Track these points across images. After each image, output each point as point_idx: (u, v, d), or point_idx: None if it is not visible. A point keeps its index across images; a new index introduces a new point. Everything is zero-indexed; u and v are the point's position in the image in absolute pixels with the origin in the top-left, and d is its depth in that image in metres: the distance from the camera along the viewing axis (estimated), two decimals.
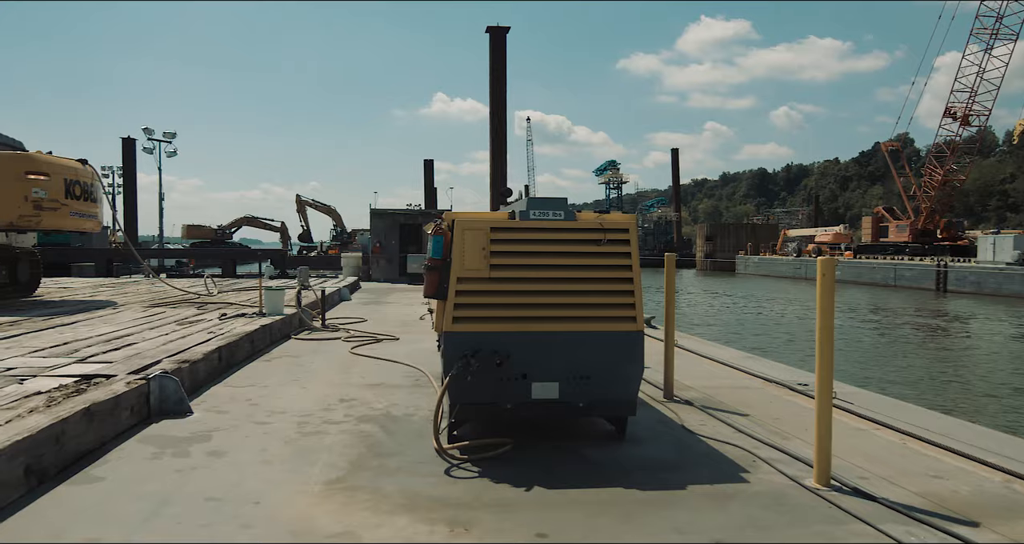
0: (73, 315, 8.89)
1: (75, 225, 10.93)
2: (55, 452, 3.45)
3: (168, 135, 55.19)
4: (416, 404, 5.13)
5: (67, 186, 10.39)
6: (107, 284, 16.70)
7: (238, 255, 43.11)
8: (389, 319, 10.99)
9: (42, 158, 10.25)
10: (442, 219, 4.01)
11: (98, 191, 11.55)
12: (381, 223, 24.24)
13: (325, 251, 57.29)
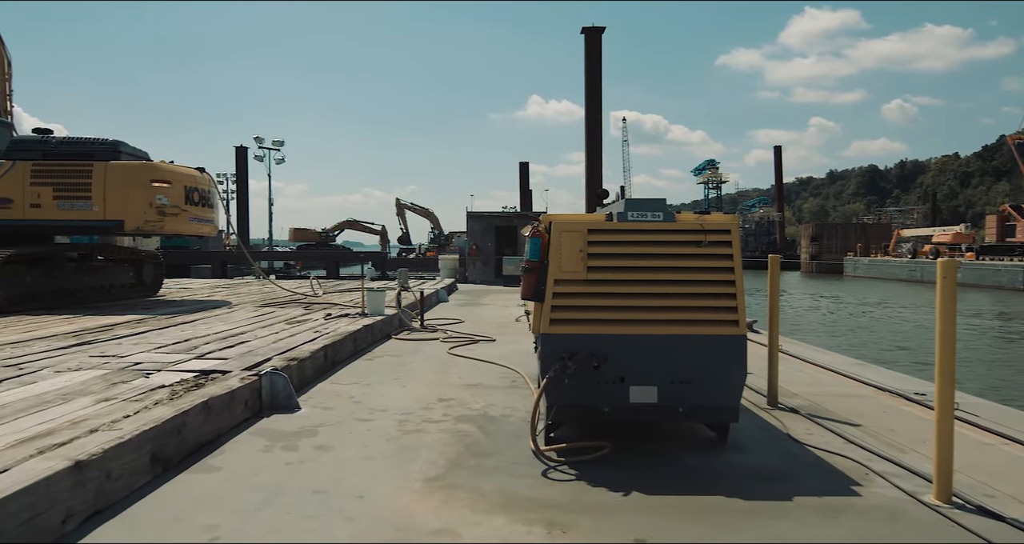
0: (192, 314, 9.47)
1: (194, 230, 11.64)
2: (177, 442, 3.68)
3: (277, 143, 57.93)
4: (513, 405, 5.16)
5: (187, 193, 11.07)
6: (222, 285, 17.70)
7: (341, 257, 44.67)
8: (485, 320, 11.12)
9: (165, 167, 10.97)
10: (539, 221, 4.02)
11: (214, 197, 12.25)
12: (477, 225, 24.58)
13: (423, 253, 58.63)
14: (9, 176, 10.31)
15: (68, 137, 11.06)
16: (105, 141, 10.84)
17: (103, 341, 6.64)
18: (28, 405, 3.92)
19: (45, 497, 2.65)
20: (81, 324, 8.10)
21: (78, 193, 10.33)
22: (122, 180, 10.38)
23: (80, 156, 10.52)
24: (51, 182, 10.31)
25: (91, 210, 10.35)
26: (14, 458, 2.87)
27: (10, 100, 11.68)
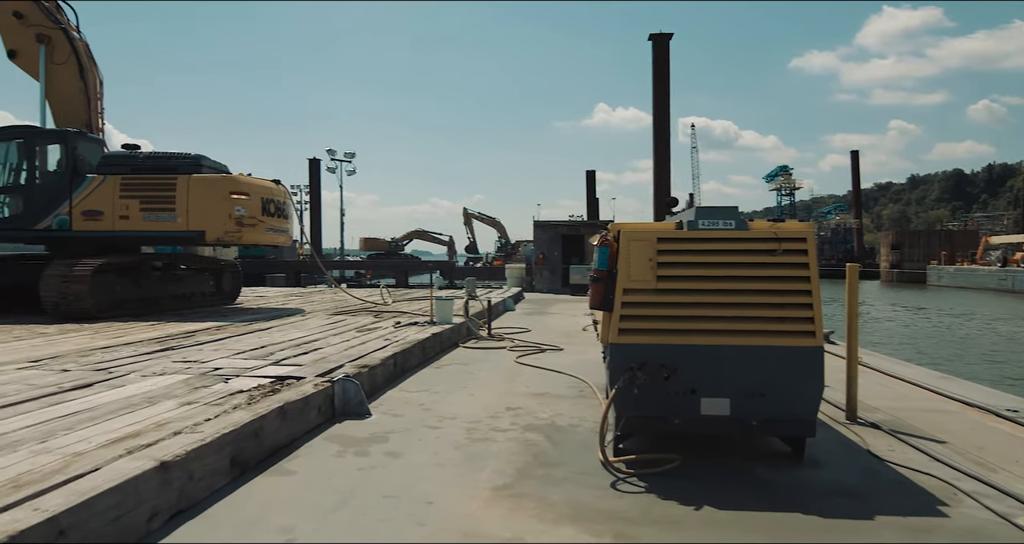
0: (268, 321, 9.78)
1: (270, 240, 12.04)
2: (255, 446, 3.80)
3: (348, 155, 59.37)
4: (581, 415, 5.13)
5: (264, 204, 11.46)
6: (296, 293, 18.23)
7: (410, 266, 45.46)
8: (552, 329, 11.10)
9: (243, 179, 11.39)
10: (608, 230, 4.00)
11: (289, 208, 12.65)
12: (544, 234, 24.60)
13: (490, 262, 58.95)
14: (100, 190, 10.89)
15: (154, 152, 11.62)
16: (188, 155, 11.34)
17: (185, 347, 6.92)
18: (117, 407, 4.12)
19: (133, 496, 2.77)
20: (165, 330, 8.47)
21: (163, 205, 10.83)
22: (203, 193, 10.84)
23: (165, 170, 11.04)
24: (138, 195, 10.85)
25: (175, 221, 10.84)
26: (104, 458, 3.02)
27: (101, 117, 12.34)
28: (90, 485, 2.67)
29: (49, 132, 11.48)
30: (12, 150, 11.24)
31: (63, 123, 11.79)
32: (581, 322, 12.08)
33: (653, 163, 34.95)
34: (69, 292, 9.82)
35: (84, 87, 11.94)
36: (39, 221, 10.95)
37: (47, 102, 11.99)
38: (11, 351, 6.59)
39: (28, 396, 4.44)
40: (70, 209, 10.86)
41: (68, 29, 11.86)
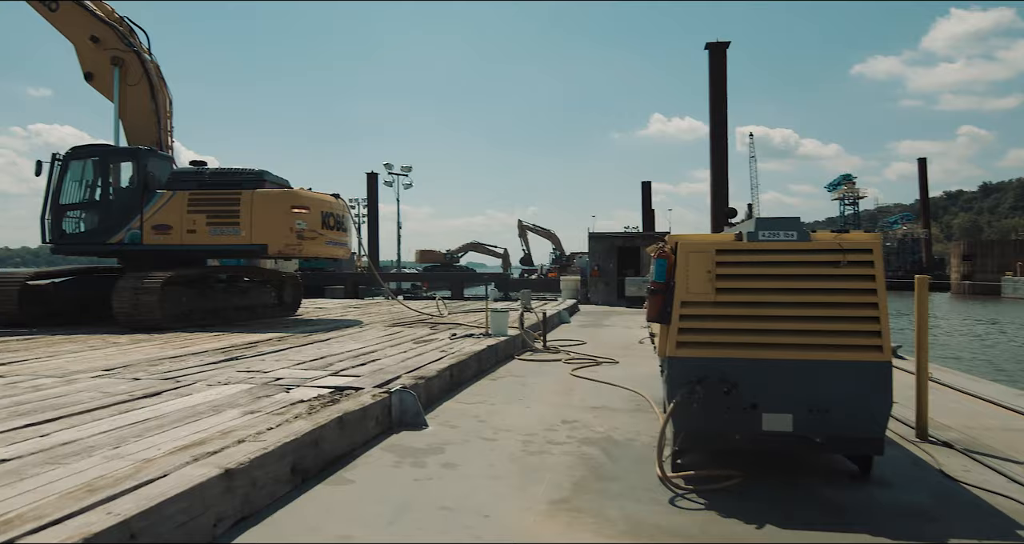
0: (327, 332, 9.96)
1: (329, 252, 12.30)
2: (315, 455, 3.87)
3: (405, 169, 60.35)
4: (638, 429, 5.06)
5: (323, 218, 11.73)
6: (354, 305, 18.54)
7: (465, 278, 45.74)
8: (608, 342, 11.01)
9: (304, 194, 11.68)
10: (665, 242, 3.96)
11: (348, 221, 12.91)
12: (599, 246, 24.49)
13: (545, 274, 58.94)
14: (169, 205, 11.32)
15: (220, 168, 12.02)
16: (251, 171, 11.69)
17: (248, 357, 7.11)
18: (184, 415, 4.25)
19: (199, 501, 2.85)
20: (229, 341, 8.71)
21: (228, 219, 11.19)
22: (266, 207, 11.15)
23: (230, 185, 11.40)
24: (205, 210, 11.23)
25: (239, 235, 11.18)
26: (172, 464, 3.11)
27: (170, 136, 12.82)
28: (159, 490, 2.76)
29: (122, 150, 11.99)
30: (88, 168, 11.79)
31: (135, 141, 12.30)
32: (637, 335, 11.95)
33: (710, 173, 34.50)
34: (140, 303, 10.20)
35: (155, 107, 12.45)
36: (113, 235, 11.44)
37: (120, 121, 12.53)
38: (86, 360, 6.87)
39: (102, 403, 4.62)
40: (141, 224, 11.32)
41: (140, 52, 12.40)
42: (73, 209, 11.79)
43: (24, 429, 3.88)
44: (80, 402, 4.66)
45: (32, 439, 3.65)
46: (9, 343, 8.53)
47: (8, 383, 5.49)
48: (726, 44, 34.22)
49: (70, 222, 11.80)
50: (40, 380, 5.63)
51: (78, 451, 3.39)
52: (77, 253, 12.53)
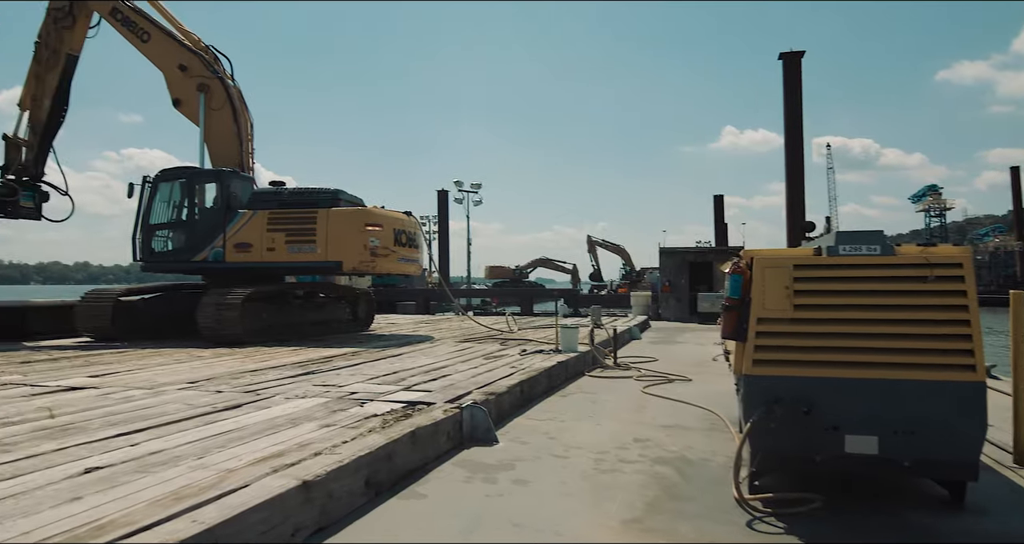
0: (399, 348, 10.12)
1: (401, 269, 12.53)
2: (388, 468, 3.92)
3: (475, 186, 61.00)
4: (712, 449, 4.94)
5: (396, 235, 11.97)
6: (425, 321, 18.80)
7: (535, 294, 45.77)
8: (680, 359, 10.81)
9: (377, 212, 11.95)
10: (740, 257, 3.87)
11: (420, 238, 13.13)
12: (670, 261, 24.14)
13: (615, 290, 58.44)
14: (250, 224, 11.76)
15: (297, 188, 12.44)
16: (327, 190, 12.05)
17: (324, 371, 7.28)
18: (263, 428, 4.38)
19: (279, 512, 2.93)
20: (306, 355, 8.95)
21: (305, 237, 11.55)
22: (341, 225, 11.46)
23: (307, 204, 11.78)
24: (283, 228, 11.63)
25: (315, 252, 11.51)
26: (253, 475, 3.21)
27: (251, 157, 13.34)
28: (240, 500, 2.84)
29: (207, 172, 12.55)
30: (176, 189, 12.39)
31: (218, 163, 12.84)
32: (711, 352, 11.70)
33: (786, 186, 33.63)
34: (222, 318, 10.61)
35: (237, 130, 12.98)
36: (197, 253, 11.96)
37: (205, 145, 13.12)
38: (172, 373, 7.18)
39: (187, 415, 4.81)
40: (224, 242, 11.80)
41: (224, 78, 12.98)
42: (161, 229, 12.40)
43: (116, 438, 4.08)
44: (167, 413, 4.87)
45: (123, 448, 3.82)
46: (103, 356, 9.00)
47: (101, 394, 5.78)
48: (800, 53, 33.45)
49: (159, 241, 12.40)
50: (131, 391, 5.91)
51: (165, 460, 3.54)
52: (165, 270, 13.14)
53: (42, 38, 13.14)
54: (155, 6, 13.10)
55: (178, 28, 13.02)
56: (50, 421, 4.63)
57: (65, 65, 13.20)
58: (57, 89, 13.21)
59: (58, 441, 4.00)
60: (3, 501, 2.86)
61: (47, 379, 6.71)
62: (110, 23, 13.01)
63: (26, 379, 6.74)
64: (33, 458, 3.61)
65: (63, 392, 5.94)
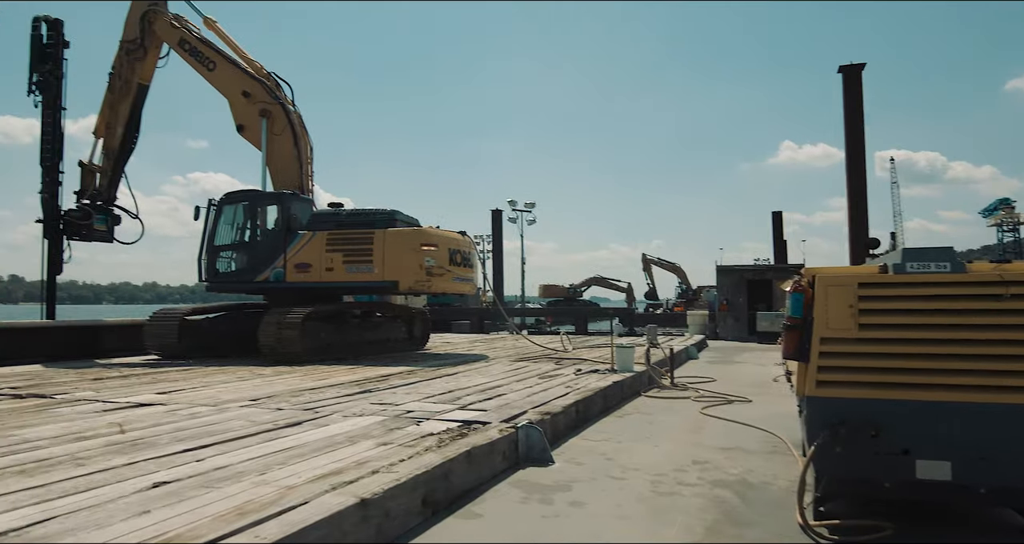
0: (455, 367, 10.17)
1: (456, 288, 12.62)
2: (444, 488, 3.93)
3: (528, 205, 61.24)
4: (774, 472, 4.80)
5: (451, 255, 12.08)
6: (480, 340, 18.86)
7: (589, 313, 45.48)
8: (739, 379, 10.57)
9: (433, 232, 12.10)
10: (801, 275, 3.78)
11: (474, 258, 13.22)
12: (727, 279, 23.71)
13: (670, 308, 57.63)
14: (310, 245, 12.05)
15: (355, 209, 12.69)
16: (384, 211, 12.26)
17: (381, 390, 7.37)
18: (322, 445, 4.45)
19: (337, 529, 2.96)
20: (363, 374, 9.08)
21: (362, 258, 11.76)
22: (397, 245, 11.64)
23: (364, 225, 12.00)
24: (342, 249, 11.87)
25: (372, 272, 11.71)
26: (313, 492, 3.26)
27: (311, 180, 13.68)
28: (301, 517, 2.89)
29: (268, 195, 12.93)
30: (239, 211, 12.80)
31: (279, 186, 13.22)
32: (771, 372, 11.41)
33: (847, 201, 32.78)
34: (283, 337, 10.85)
35: (297, 154, 13.35)
36: (259, 274, 12.29)
37: (267, 168, 13.52)
38: (235, 390, 7.36)
39: (249, 432, 4.92)
40: (284, 263, 12.10)
41: (285, 103, 13.39)
42: (225, 250, 12.80)
43: (183, 453, 4.20)
44: (231, 430, 4.99)
45: (190, 463, 3.93)
46: (169, 373, 9.30)
47: (169, 411, 5.97)
48: (861, 66, 32.70)
49: (223, 262, 12.80)
50: (196, 408, 6.09)
51: (229, 476, 3.62)
52: (228, 290, 13.54)
53: (116, 69, 13.82)
54: (220, 35, 13.64)
55: (242, 56, 13.52)
56: (121, 436, 4.79)
57: (136, 94, 13.85)
58: (129, 117, 13.86)
59: (128, 456, 4.14)
60: (78, 513, 2.97)
61: (118, 395, 6.97)
62: (178, 53, 13.60)
63: (98, 395, 7.01)
64: (105, 472, 3.74)
65: (133, 408, 6.15)
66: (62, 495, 3.27)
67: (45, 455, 4.19)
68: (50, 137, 13.81)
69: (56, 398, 6.86)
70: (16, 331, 12.23)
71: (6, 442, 4.61)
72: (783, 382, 9.48)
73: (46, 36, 13.81)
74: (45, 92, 13.77)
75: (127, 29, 13.73)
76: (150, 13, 13.55)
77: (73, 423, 5.34)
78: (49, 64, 13.71)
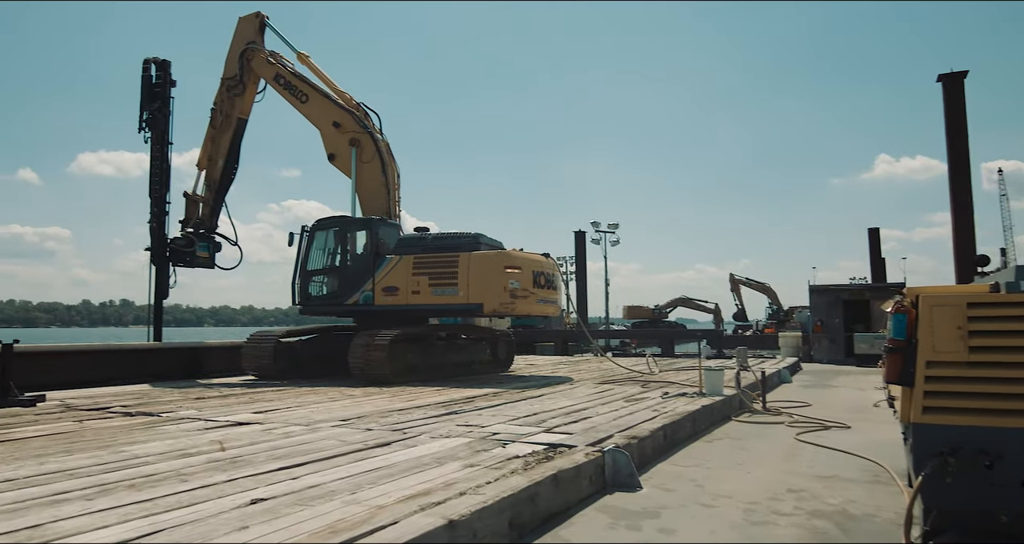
0: (539, 389, 10.15)
1: (540, 310, 12.63)
2: (531, 511, 3.91)
3: (612, 226, 60.85)
4: (877, 503, 4.54)
5: (535, 277, 12.12)
6: (564, 362, 18.76)
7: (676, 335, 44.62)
8: (836, 404, 10.11)
9: (517, 254, 12.17)
10: (903, 295, 3.60)
11: (558, 279, 13.22)
12: (821, 300, 22.80)
13: (760, 330, 55.85)
14: (397, 268, 12.33)
15: (440, 233, 12.93)
16: (468, 235, 12.44)
17: (466, 411, 7.42)
18: (410, 466, 4.51)
19: None
20: (448, 395, 9.18)
21: (448, 281, 11.94)
22: (481, 268, 11.76)
23: (449, 249, 12.20)
24: (427, 272, 12.09)
25: (457, 295, 11.86)
26: (402, 512, 3.30)
27: (398, 205, 14.03)
28: (391, 536, 2.93)
29: (358, 221, 13.34)
30: (330, 237, 13.27)
31: (368, 212, 13.62)
32: (871, 397, 10.86)
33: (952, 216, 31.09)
34: (371, 359, 11.12)
35: (385, 180, 13.75)
36: (349, 297, 12.67)
37: (356, 195, 13.98)
38: (327, 411, 7.58)
39: (340, 451, 5.04)
40: (373, 286, 12.42)
41: (373, 132, 13.84)
42: (317, 274, 13.27)
43: (278, 472, 4.34)
44: (323, 449, 5.13)
45: (285, 481, 4.06)
46: (265, 393, 9.66)
47: (265, 429, 6.19)
48: (963, 74, 31.13)
49: (315, 286, 13.26)
50: (290, 427, 6.29)
51: (322, 494, 3.71)
52: (320, 313, 13.99)
53: (217, 105, 14.66)
54: (312, 69, 14.26)
55: (332, 88, 14.08)
56: (221, 454, 5.00)
57: (236, 128, 14.64)
58: (229, 150, 14.66)
59: (228, 473, 4.32)
60: (182, 527, 3.11)
61: (218, 414, 7.29)
62: (274, 87, 14.31)
63: (200, 414, 7.35)
64: (207, 488, 3.91)
65: (232, 427, 6.42)
66: (167, 509, 3.43)
67: (152, 470, 4.41)
68: (158, 170, 14.76)
69: (162, 416, 7.24)
70: (128, 352, 13.04)
71: (118, 457, 4.89)
72: (885, 407, 9.00)
73: (155, 76, 14.80)
74: (154, 128, 14.75)
75: (227, 67, 14.58)
76: (248, 51, 14.34)
77: (178, 440, 5.62)
78: (158, 102, 14.69)
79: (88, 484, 4.03)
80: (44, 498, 3.70)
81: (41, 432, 6.18)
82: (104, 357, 12.53)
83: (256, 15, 14.59)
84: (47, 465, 4.62)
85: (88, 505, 3.53)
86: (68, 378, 10.94)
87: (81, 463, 4.68)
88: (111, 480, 4.13)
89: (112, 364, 12.34)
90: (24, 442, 5.64)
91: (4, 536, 3.02)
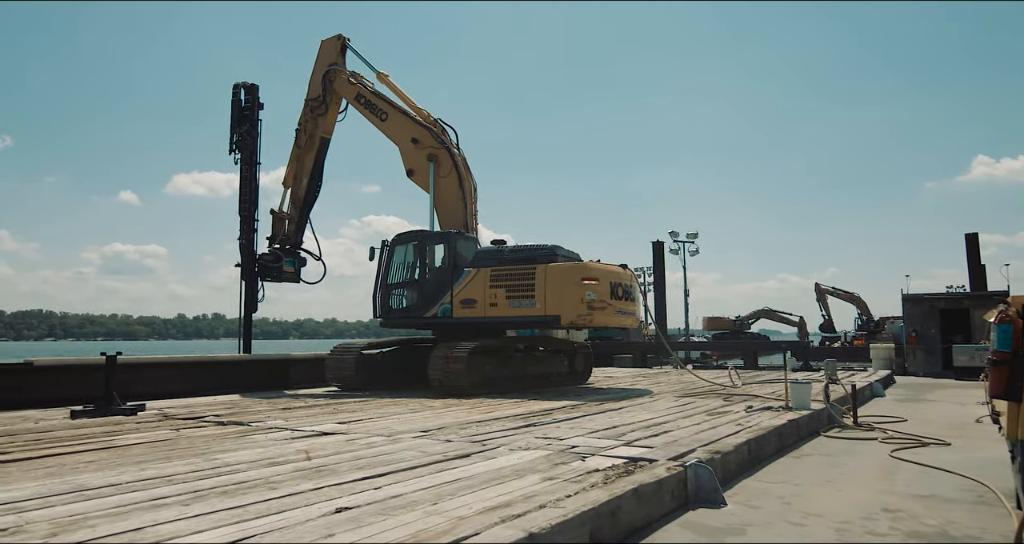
0: (618, 401, 10.03)
1: (618, 322, 12.50)
2: (611, 525, 3.86)
3: (691, 236, 59.77)
4: (982, 525, 4.27)
5: (612, 288, 12.01)
6: (643, 374, 18.50)
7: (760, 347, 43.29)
8: (934, 420, 9.60)
9: (593, 265, 12.11)
10: (1008, 303, 3.39)
11: (636, 291, 13.06)
12: (916, 309, 21.74)
13: (849, 341, 53.59)
14: (474, 281, 12.46)
15: (517, 246, 13.00)
16: (545, 247, 12.46)
17: (545, 424, 7.41)
18: (490, 477, 4.53)
19: None
20: (527, 407, 9.18)
21: (524, 293, 11.97)
22: (558, 280, 11.75)
23: (526, 261, 12.24)
24: (504, 284, 12.16)
25: (534, 307, 11.87)
26: (483, 524, 3.32)
27: (475, 219, 14.19)
28: None
29: (436, 234, 13.56)
30: (410, 251, 13.53)
31: (446, 226, 13.83)
32: (973, 412, 10.26)
33: None
34: (450, 371, 11.25)
35: (462, 194, 13.93)
36: (428, 310, 12.87)
37: (434, 209, 14.22)
38: (407, 422, 7.70)
39: (421, 462, 5.12)
40: (451, 299, 12.58)
41: (450, 147, 14.07)
42: (397, 287, 13.54)
43: (362, 481, 4.44)
44: (405, 460, 5.22)
45: (368, 491, 4.15)
46: (348, 404, 9.91)
47: (348, 440, 6.35)
48: None
49: (395, 298, 13.54)
50: (372, 438, 6.43)
51: (404, 505, 3.77)
52: (400, 326, 14.27)
53: (301, 125, 15.24)
54: (391, 87, 14.64)
55: (410, 105, 14.41)
56: (307, 463, 5.16)
57: (319, 147, 15.16)
58: (313, 168, 15.18)
59: (314, 481, 4.44)
60: (271, 533, 3.22)
61: (304, 424, 7.52)
62: (355, 107, 14.76)
63: (287, 424, 7.60)
64: (294, 496, 4.03)
65: (317, 437, 6.60)
66: (257, 516, 3.56)
67: (243, 478, 4.59)
68: (247, 189, 15.43)
69: (252, 425, 7.52)
70: (221, 364, 13.64)
71: (211, 465, 5.10)
72: (988, 424, 8.48)
73: (244, 100, 15.52)
74: (243, 150, 15.44)
75: (311, 88, 15.14)
76: (331, 72, 14.85)
77: (267, 449, 5.82)
78: (247, 125, 15.38)
79: (184, 490, 4.22)
80: (145, 502, 3.90)
81: (141, 440, 6.52)
82: (198, 369, 13.16)
83: (338, 37, 15.11)
84: (147, 471, 4.86)
85: (184, 510, 3.70)
86: (165, 388, 11.53)
87: (178, 470, 4.91)
88: (205, 487, 4.32)
89: (206, 375, 12.94)
90: (126, 449, 5.97)
91: (110, 537, 3.19)
